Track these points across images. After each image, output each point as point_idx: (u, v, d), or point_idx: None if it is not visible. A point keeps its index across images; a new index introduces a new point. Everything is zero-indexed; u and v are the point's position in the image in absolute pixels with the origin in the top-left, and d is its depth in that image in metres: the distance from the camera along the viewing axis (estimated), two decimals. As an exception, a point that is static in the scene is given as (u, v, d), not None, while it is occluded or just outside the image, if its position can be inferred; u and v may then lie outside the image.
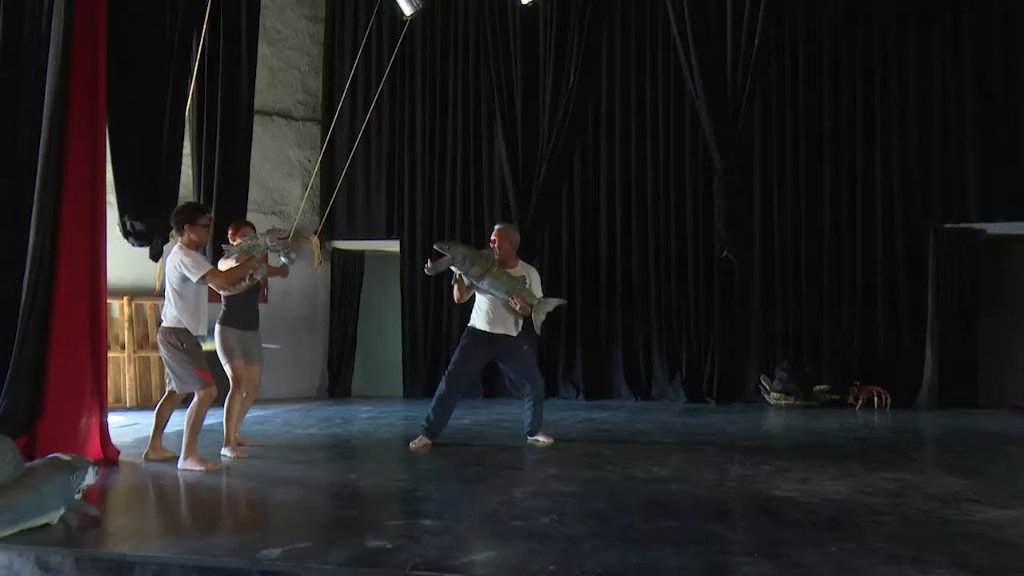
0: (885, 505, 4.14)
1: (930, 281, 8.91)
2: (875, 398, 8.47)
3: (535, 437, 6.21)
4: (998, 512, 4.00)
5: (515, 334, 6.14)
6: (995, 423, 7.40)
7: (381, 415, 8.16)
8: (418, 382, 9.99)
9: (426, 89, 10.24)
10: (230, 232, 5.86)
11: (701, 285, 9.46)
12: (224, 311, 5.83)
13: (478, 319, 6.11)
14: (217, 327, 5.80)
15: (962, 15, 8.89)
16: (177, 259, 5.07)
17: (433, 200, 10.15)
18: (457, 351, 6.14)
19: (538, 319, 6.06)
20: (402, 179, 10.24)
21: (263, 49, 9.49)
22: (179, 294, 5.09)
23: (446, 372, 6.11)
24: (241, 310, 5.87)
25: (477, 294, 6.06)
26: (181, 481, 4.89)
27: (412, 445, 5.97)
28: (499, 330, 6.07)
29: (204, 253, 5.51)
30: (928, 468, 5.55)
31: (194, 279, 5.05)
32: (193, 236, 5.20)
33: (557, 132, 9.55)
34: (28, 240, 4.98)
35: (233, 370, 5.80)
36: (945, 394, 8.67)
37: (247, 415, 8.03)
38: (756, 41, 8.95)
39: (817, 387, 8.81)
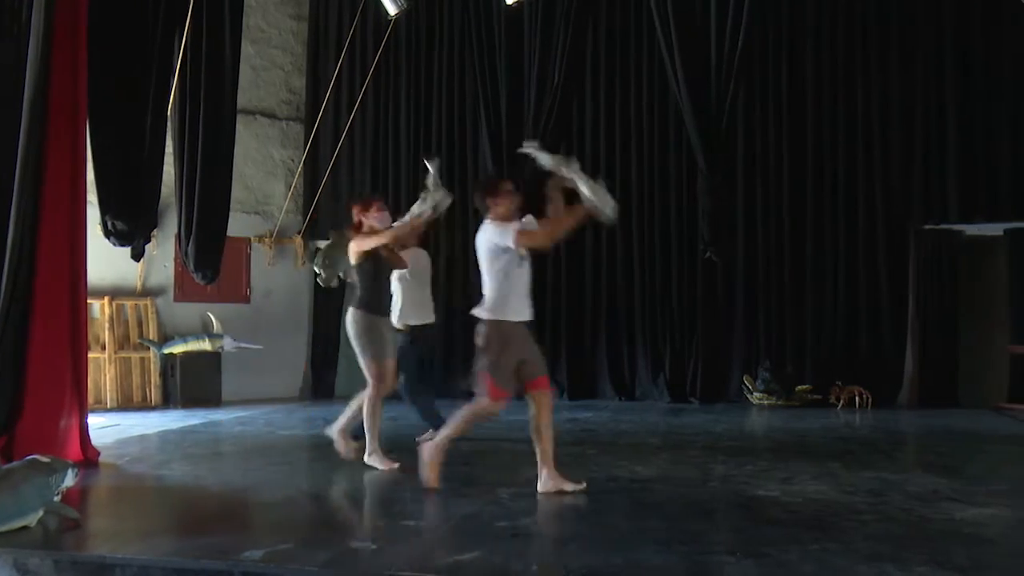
0: (866, 504, 4.17)
1: (911, 282, 8.99)
2: (856, 398, 8.54)
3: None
4: (977, 510, 4.04)
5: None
6: (974, 423, 7.47)
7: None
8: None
9: (410, 89, 10.21)
10: (356, 210, 5.34)
11: (685, 285, 9.49)
12: (365, 294, 5.15)
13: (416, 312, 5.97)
14: (359, 314, 5.12)
15: (944, 19, 8.97)
16: (487, 235, 4.46)
17: (417, 199, 10.10)
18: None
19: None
20: (386, 179, 10.20)
21: (246, 48, 9.43)
22: (501, 274, 4.40)
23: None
24: (382, 293, 5.28)
25: (406, 289, 5.90)
26: (162, 483, 4.85)
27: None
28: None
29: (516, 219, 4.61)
30: (908, 467, 5.60)
31: (509, 242, 4.35)
32: (500, 209, 4.54)
33: (542, 132, 9.54)
34: (7, 240, 4.91)
35: (382, 367, 5.13)
36: (925, 394, 8.74)
37: (230, 415, 7.97)
38: (740, 43, 8.99)
39: (799, 387, 8.87)
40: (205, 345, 8.86)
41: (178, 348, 8.84)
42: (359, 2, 9.79)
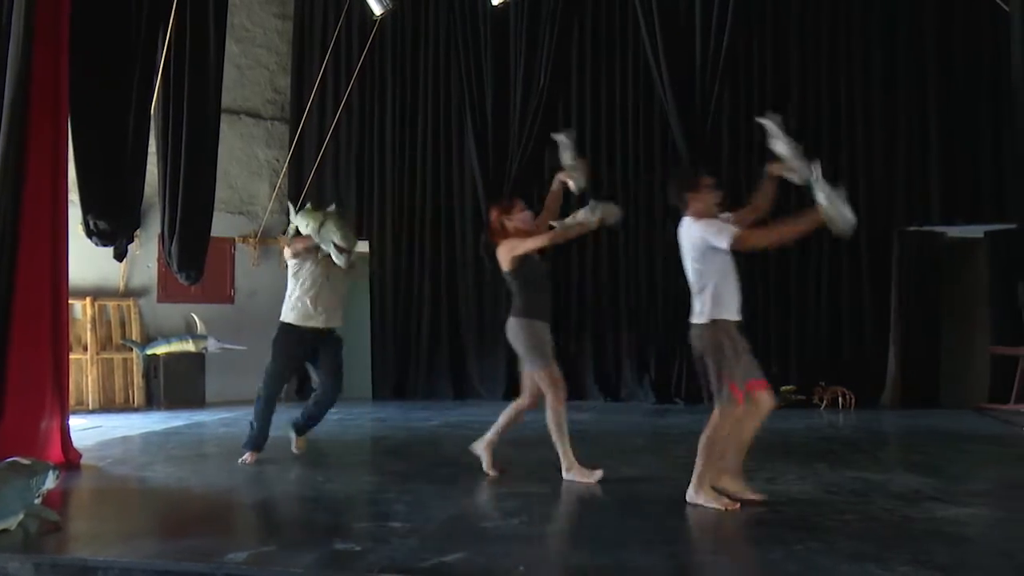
0: (849, 504, 4.20)
1: (893, 283, 9.06)
2: (840, 398, 8.59)
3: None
4: (958, 510, 4.08)
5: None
6: (956, 423, 7.53)
7: (349, 417, 8.10)
8: (387, 383, 9.94)
9: (396, 89, 10.19)
10: (496, 212, 5.02)
11: (670, 285, 9.50)
12: (524, 300, 4.86)
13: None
14: (522, 322, 4.85)
15: (926, 21, 9.05)
16: (694, 233, 4.16)
17: (403, 201, 10.11)
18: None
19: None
20: (371, 179, 10.19)
21: (231, 47, 9.37)
22: (719, 274, 4.12)
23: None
24: (542, 297, 4.96)
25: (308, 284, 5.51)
26: (144, 485, 4.82)
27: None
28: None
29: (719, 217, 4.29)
30: (891, 467, 5.63)
31: (724, 244, 4.03)
32: (699, 204, 4.25)
33: (528, 133, 9.56)
34: (-13, 239, 4.86)
35: (555, 373, 4.84)
36: (908, 394, 8.81)
37: (213, 417, 7.93)
38: (724, 43, 9.03)
39: (783, 387, 8.89)
40: (189, 346, 8.81)
41: (161, 349, 8.78)
42: (344, 2, 9.77)
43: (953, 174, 8.87)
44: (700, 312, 4.13)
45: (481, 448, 5.00)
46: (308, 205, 5.75)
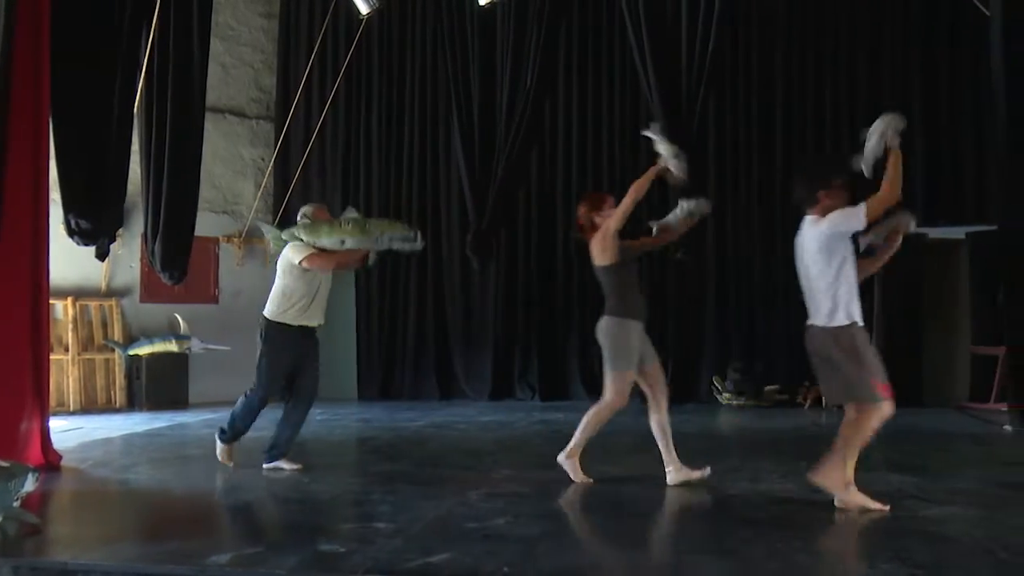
0: (832, 503, 4.22)
1: (876, 284, 9.11)
2: (823, 398, 8.62)
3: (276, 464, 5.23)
4: (939, 509, 4.11)
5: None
6: (938, 422, 7.59)
7: (335, 417, 8.07)
8: (373, 383, 9.91)
9: (382, 88, 10.16)
10: (585, 208, 4.97)
11: (656, 286, 9.54)
12: (622, 300, 4.81)
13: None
14: (613, 321, 4.82)
15: (911, 26, 9.12)
16: (821, 229, 4.04)
17: (389, 200, 10.08)
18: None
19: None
20: (358, 179, 10.15)
21: (215, 45, 9.31)
22: (847, 270, 4.03)
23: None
24: (639, 297, 4.89)
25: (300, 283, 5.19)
26: (126, 487, 4.78)
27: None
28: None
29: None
30: (873, 466, 5.65)
31: (863, 219, 3.97)
32: (829, 202, 4.07)
33: (514, 134, 9.55)
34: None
35: (623, 382, 4.80)
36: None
37: (196, 418, 7.90)
38: (710, 46, 9.04)
39: (768, 387, 8.96)
40: (172, 346, 8.73)
41: (144, 349, 8.70)
42: (330, 1, 9.73)
43: (936, 176, 8.95)
44: (831, 313, 4.01)
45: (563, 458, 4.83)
46: (306, 216, 5.35)
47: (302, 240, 5.18)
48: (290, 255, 5.18)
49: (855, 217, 3.90)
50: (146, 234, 8.59)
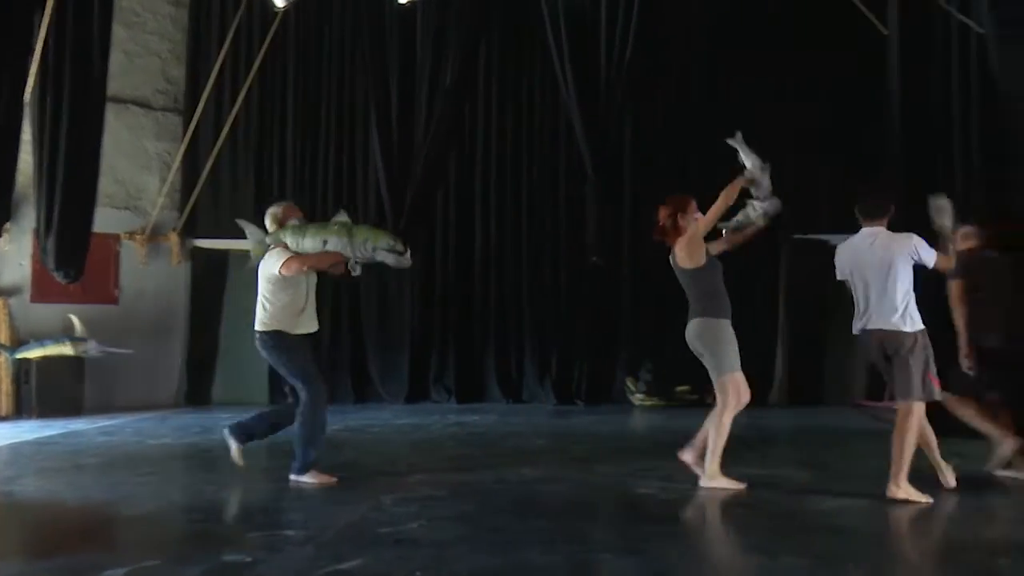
0: (739, 499, 4.33)
1: (781, 288, 9.47)
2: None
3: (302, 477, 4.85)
4: (836, 502, 4.29)
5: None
6: (838, 419, 7.91)
7: (244, 421, 7.79)
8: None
9: (298, 84, 9.89)
10: (667, 213, 4.97)
11: (572, 289, 9.62)
12: (717, 300, 4.81)
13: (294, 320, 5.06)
14: (711, 322, 4.80)
15: (815, 40, 9.48)
16: (912, 244, 4.40)
17: (304, 199, 9.78)
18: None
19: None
20: (271, 176, 9.85)
21: (118, 31, 8.89)
22: (908, 284, 4.36)
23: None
24: (724, 294, 4.88)
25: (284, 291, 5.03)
26: (11, 500, 4.48)
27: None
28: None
29: None
30: (779, 463, 5.85)
31: (932, 263, 4.41)
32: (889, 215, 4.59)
33: (433, 133, 9.48)
34: None
35: (735, 381, 4.80)
36: (794, 393, 9.23)
37: (92, 425, 7.55)
38: (628, 51, 9.21)
39: (679, 387, 9.15)
40: (66, 349, 8.23)
41: (34, 352, 8.18)
42: (244, -10, 9.43)
43: (840, 184, 9.31)
44: (902, 318, 4.34)
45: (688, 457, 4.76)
46: (276, 216, 5.22)
47: (287, 243, 5.00)
48: (270, 265, 5.00)
49: (931, 255, 4.41)
50: (38, 229, 8.14)
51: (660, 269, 9.43)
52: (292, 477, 4.79)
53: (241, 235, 5.53)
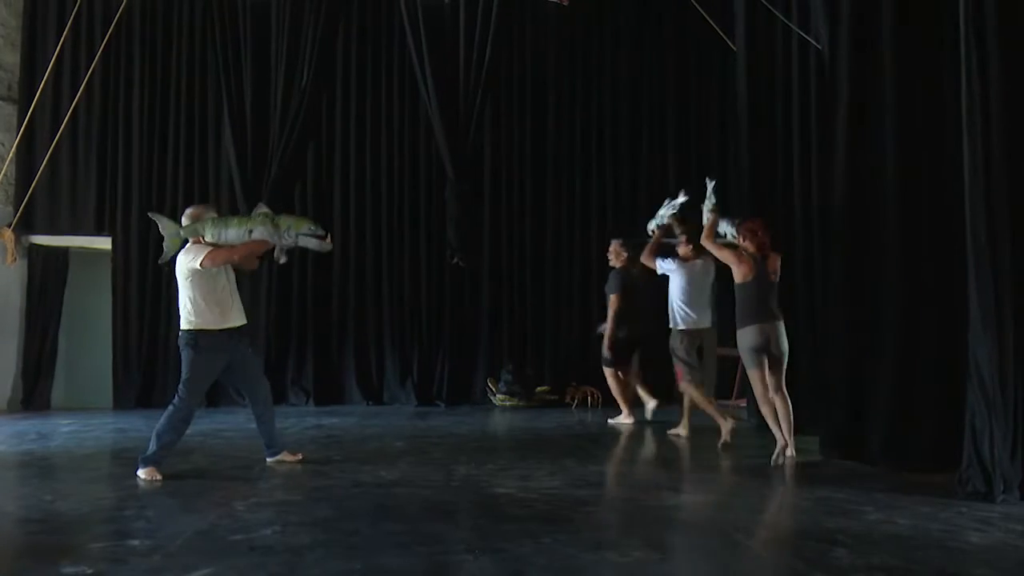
0: (593, 496, 4.54)
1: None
2: (589, 397, 9.21)
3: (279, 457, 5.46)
4: (686, 497, 4.58)
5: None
6: (695, 417, 8.34)
7: (86, 428, 7.37)
8: (130, 392, 9.14)
9: (145, 75, 9.41)
10: (750, 231, 5.79)
11: (433, 290, 9.68)
12: (749, 309, 5.66)
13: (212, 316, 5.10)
14: (754, 329, 5.61)
15: (667, 58, 10.01)
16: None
17: (152, 195, 9.36)
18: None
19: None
20: (115, 170, 9.33)
21: (-58, 12, 8.20)
22: None
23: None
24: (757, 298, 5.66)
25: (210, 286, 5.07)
26: None
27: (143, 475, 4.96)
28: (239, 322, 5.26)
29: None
30: (633, 460, 6.15)
31: None
32: None
33: (289, 132, 9.27)
34: None
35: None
36: (650, 392, 9.62)
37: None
38: (488, 54, 9.37)
39: (539, 388, 9.41)
40: None
41: None
42: (85, -26, 8.89)
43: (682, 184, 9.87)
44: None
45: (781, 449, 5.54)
46: (198, 219, 5.28)
47: (204, 236, 5.09)
48: (187, 261, 5.04)
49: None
50: None
51: (519, 269, 9.77)
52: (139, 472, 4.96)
53: (80, 232, 5.34)
